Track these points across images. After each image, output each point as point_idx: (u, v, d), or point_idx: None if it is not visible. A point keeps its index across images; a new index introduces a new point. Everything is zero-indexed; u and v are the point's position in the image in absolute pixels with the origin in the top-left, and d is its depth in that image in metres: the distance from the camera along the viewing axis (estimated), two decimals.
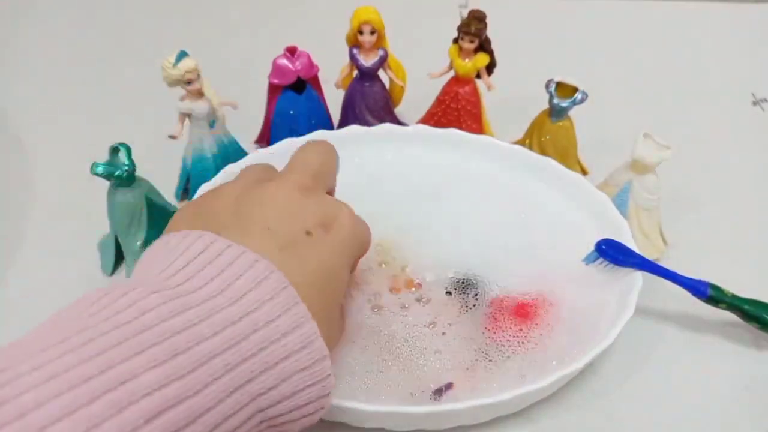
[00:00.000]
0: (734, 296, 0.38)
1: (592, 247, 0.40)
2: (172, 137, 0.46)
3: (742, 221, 0.49)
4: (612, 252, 0.38)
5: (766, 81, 0.65)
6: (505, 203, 0.45)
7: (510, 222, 0.44)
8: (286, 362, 0.24)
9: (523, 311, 0.38)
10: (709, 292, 0.37)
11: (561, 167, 0.45)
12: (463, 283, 0.40)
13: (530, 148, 0.49)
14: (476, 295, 0.40)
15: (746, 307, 0.38)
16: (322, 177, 0.32)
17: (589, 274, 0.40)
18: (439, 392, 0.34)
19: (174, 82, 0.43)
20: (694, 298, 0.39)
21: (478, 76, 0.51)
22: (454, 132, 0.48)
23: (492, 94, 0.52)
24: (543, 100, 0.48)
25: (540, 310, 0.38)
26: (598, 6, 0.77)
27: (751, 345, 0.40)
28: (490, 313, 0.38)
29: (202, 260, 0.24)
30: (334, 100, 0.54)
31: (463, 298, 0.39)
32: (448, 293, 0.40)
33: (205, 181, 0.43)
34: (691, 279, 0.38)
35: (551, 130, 0.49)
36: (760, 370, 0.39)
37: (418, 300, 0.40)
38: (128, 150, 0.41)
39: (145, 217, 0.42)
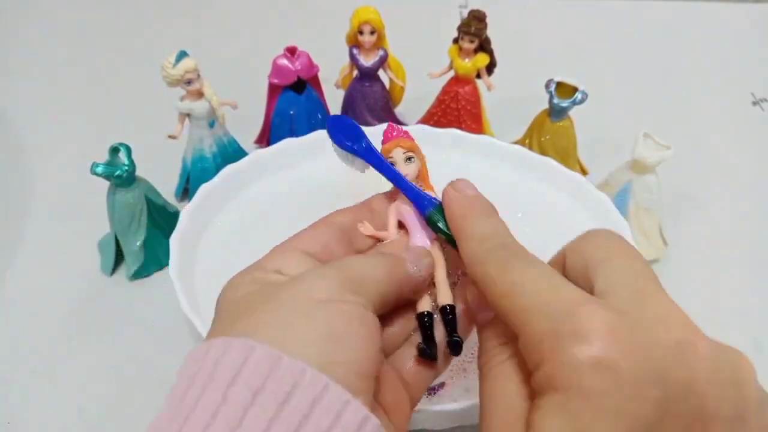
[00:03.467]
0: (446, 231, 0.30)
1: None
2: (172, 137, 0.46)
3: (742, 221, 0.49)
4: (336, 132, 0.32)
5: (766, 81, 0.65)
6: (505, 203, 0.45)
7: (509, 222, 0.44)
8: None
9: None
10: (429, 213, 0.31)
11: (561, 167, 0.45)
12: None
13: (530, 148, 0.49)
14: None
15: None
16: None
17: None
18: (432, 391, 0.34)
19: (174, 82, 0.43)
20: (693, 299, 0.38)
21: (478, 76, 0.51)
22: (454, 132, 0.48)
23: (492, 94, 0.52)
24: (543, 100, 0.48)
25: None
26: (598, 6, 0.77)
27: (750, 346, 0.40)
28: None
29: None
30: (334, 100, 0.54)
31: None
32: None
33: (205, 181, 0.42)
34: (419, 192, 0.31)
35: (551, 130, 0.49)
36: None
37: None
38: (128, 150, 0.41)
39: (145, 217, 0.43)
